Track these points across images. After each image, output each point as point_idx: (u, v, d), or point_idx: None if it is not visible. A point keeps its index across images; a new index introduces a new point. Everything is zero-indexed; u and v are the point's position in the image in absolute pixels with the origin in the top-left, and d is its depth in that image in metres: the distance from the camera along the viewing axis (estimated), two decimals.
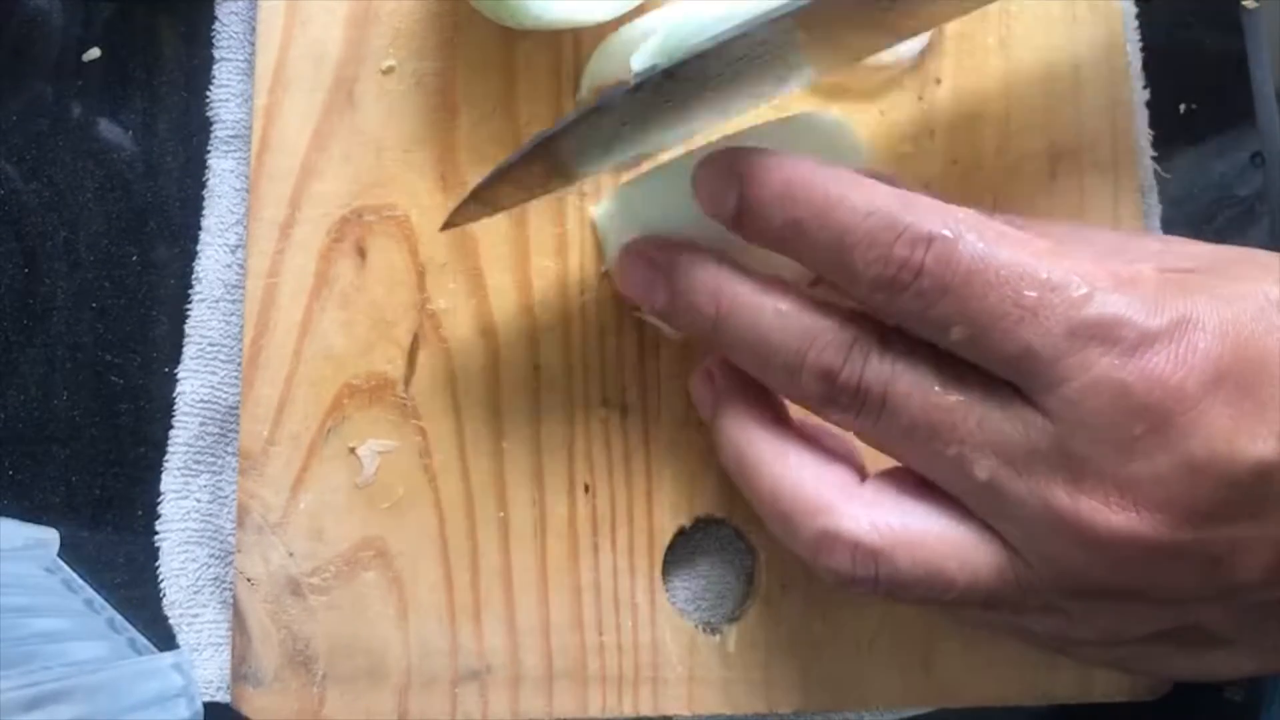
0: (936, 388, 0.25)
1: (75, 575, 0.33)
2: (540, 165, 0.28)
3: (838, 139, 0.29)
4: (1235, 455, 0.22)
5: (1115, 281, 0.23)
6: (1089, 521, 0.23)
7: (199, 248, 0.34)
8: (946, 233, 0.24)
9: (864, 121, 0.33)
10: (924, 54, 0.34)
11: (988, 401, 0.24)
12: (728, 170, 0.27)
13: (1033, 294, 0.23)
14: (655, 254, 0.29)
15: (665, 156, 0.31)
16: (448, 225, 0.30)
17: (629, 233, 0.30)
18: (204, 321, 0.34)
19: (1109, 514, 0.23)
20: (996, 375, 0.24)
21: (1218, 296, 0.23)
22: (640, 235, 0.30)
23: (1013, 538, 0.25)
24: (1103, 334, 0.23)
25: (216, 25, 0.36)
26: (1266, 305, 0.23)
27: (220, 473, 0.34)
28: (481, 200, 0.29)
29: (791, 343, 0.26)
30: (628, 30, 0.32)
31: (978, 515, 0.25)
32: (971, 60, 0.34)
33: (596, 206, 0.32)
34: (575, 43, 0.34)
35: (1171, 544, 0.23)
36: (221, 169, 0.35)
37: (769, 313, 0.26)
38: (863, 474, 0.27)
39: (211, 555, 0.33)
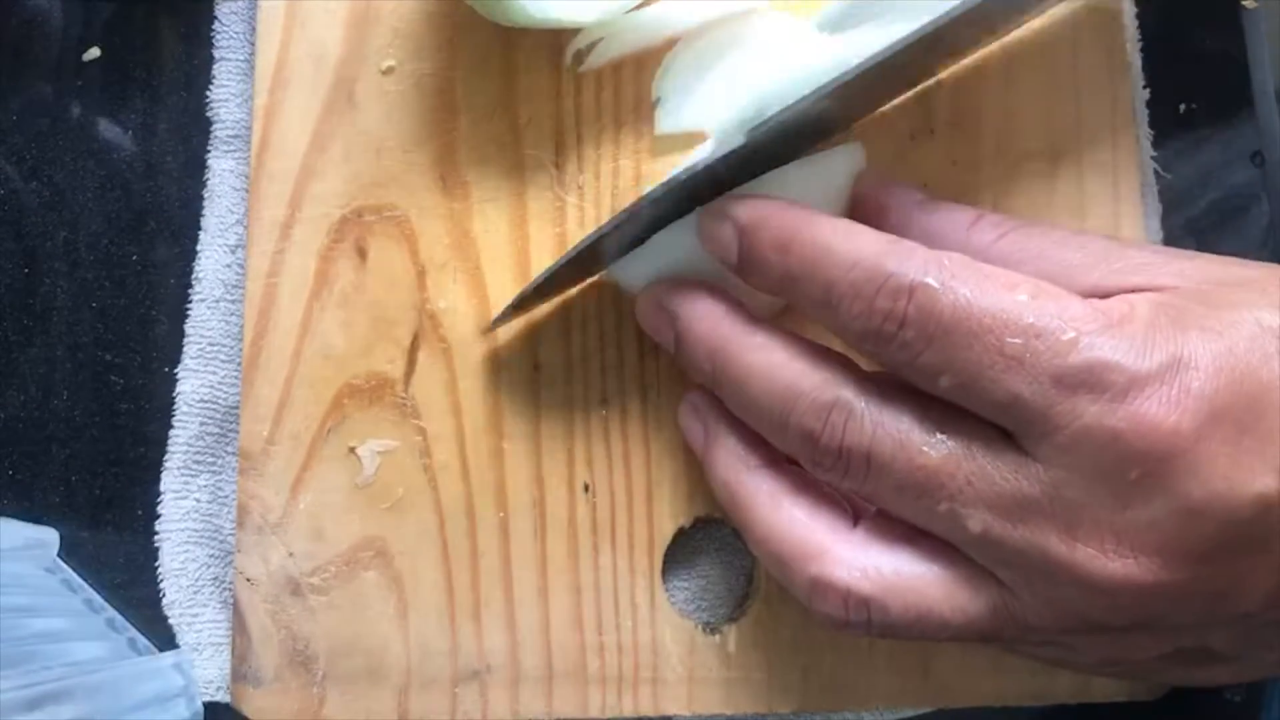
0: (922, 446, 0.24)
1: (75, 575, 0.33)
2: (585, 260, 0.29)
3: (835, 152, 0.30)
4: (1235, 494, 0.22)
5: (1104, 322, 0.23)
6: (1086, 569, 0.23)
7: (199, 248, 0.34)
8: (929, 281, 0.24)
9: (864, 121, 0.33)
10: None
11: (977, 451, 0.24)
12: (729, 222, 0.27)
13: (1017, 342, 0.23)
14: (664, 298, 0.29)
15: None
16: (493, 328, 0.31)
17: (646, 270, 0.30)
18: (204, 321, 0.34)
19: (1106, 561, 0.23)
20: (987, 420, 0.24)
21: (1209, 330, 0.23)
22: (657, 273, 0.30)
23: (1010, 582, 0.24)
24: (1092, 381, 0.22)
25: (216, 25, 0.36)
26: (1259, 333, 0.23)
27: (220, 473, 0.34)
28: (526, 305, 0.30)
29: (776, 404, 0.26)
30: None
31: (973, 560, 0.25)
32: (971, 60, 0.34)
33: (614, 266, 0.32)
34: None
35: (1172, 585, 0.23)
36: (221, 169, 0.35)
37: (756, 372, 0.26)
38: (856, 511, 0.27)
39: (211, 555, 0.33)
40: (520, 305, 0.31)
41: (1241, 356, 0.22)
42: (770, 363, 0.26)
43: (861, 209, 0.29)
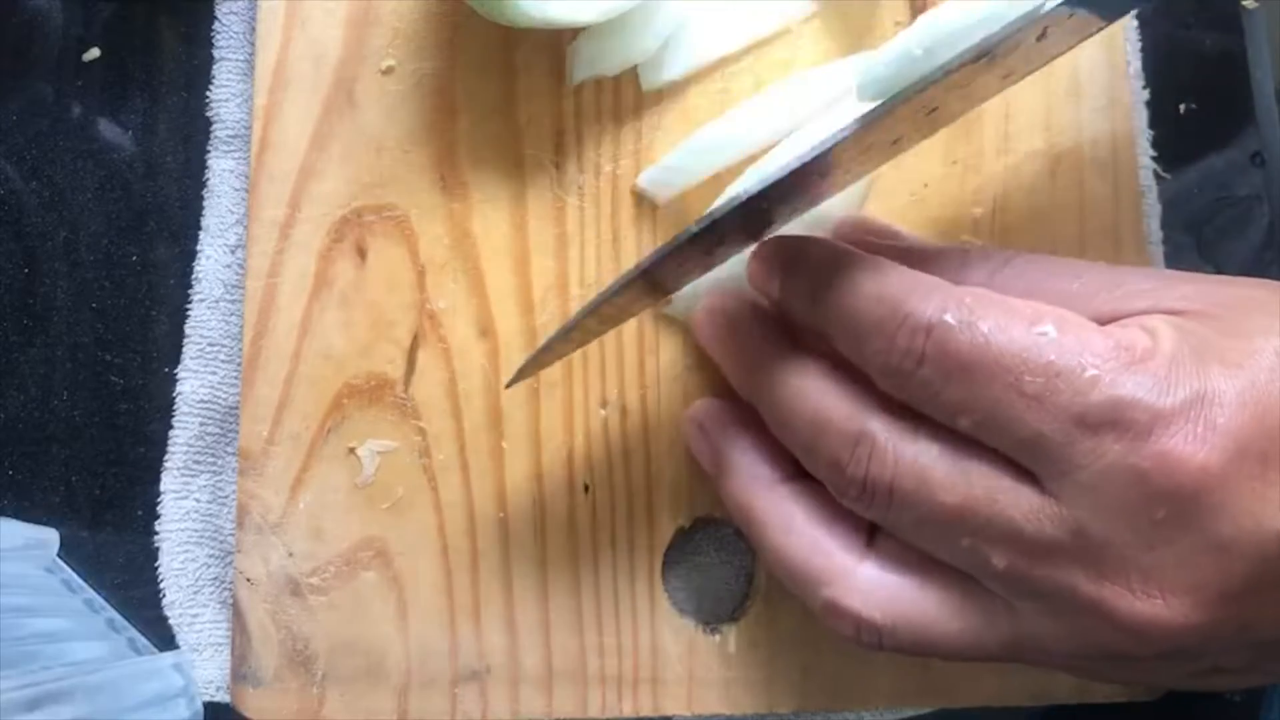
0: (945, 484, 0.24)
1: (75, 575, 0.33)
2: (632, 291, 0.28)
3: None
4: (1263, 530, 0.22)
5: (1126, 359, 0.22)
6: (1113, 608, 0.22)
7: (199, 248, 0.34)
8: (948, 319, 0.23)
9: None
10: None
11: (999, 493, 0.23)
12: (771, 262, 0.28)
13: (1038, 381, 0.22)
14: (720, 306, 0.30)
15: None
16: (514, 382, 0.30)
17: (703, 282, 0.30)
18: (204, 321, 0.34)
19: (1134, 601, 0.22)
20: (1010, 459, 0.24)
21: (1230, 363, 0.22)
22: (716, 285, 0.30)
23: (1031, 613, 0.24)
24: (1114, 419, 0.22)
25: (216, 25, 0.36)
26: (1278, 364, 0.22)
27: (220, 473, 0.34)
28: (553, 352, 0.29)
29: (805, 429, 0.26)
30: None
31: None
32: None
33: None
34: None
35: (1201, 624, 0.22)
36: (221, 169, 0.35)
37: (789, 394, 0.27)
38: (871, 528, 0.27)
39: (211, 555, 0.33)
40: (538, 361, 0.29)
41: (1264, 388, 0.22)
42: (803, 387, 0.26)
43: None
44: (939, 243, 0.29)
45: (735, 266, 0.29)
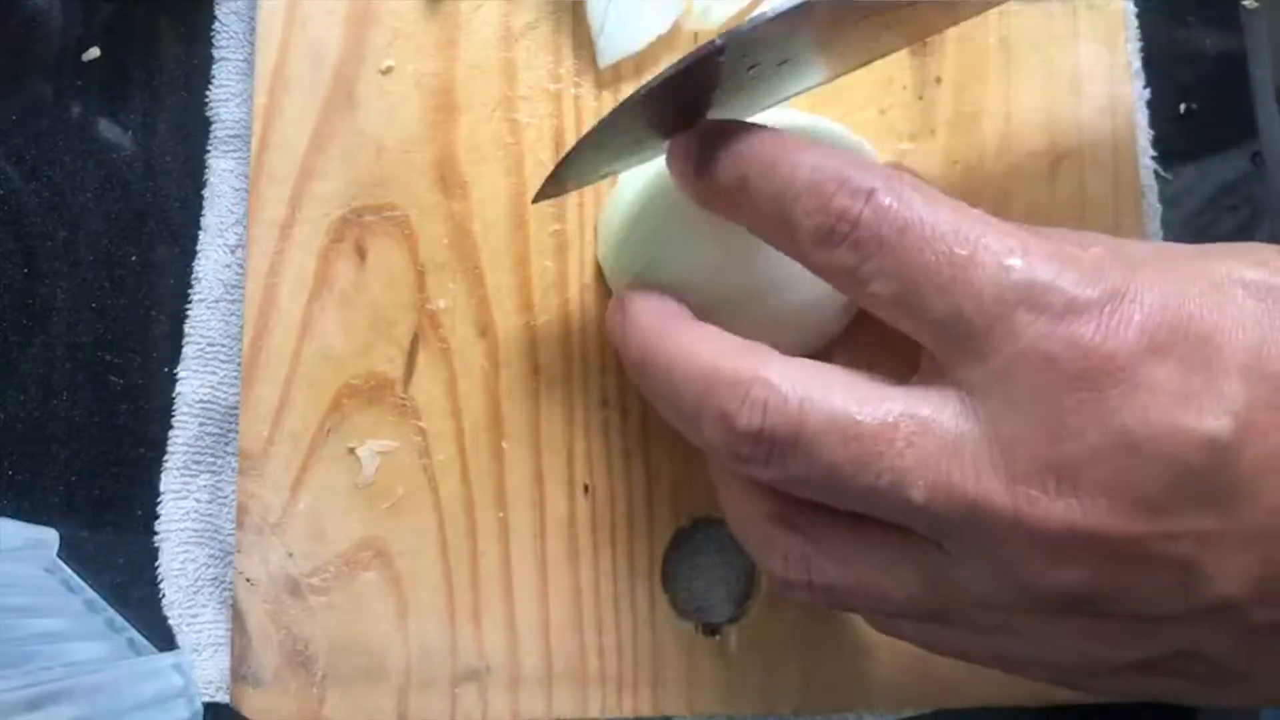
0: (855, 415, 0.23)
1: (75, 575, 0.33)
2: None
3: (847, 149, 0.29)
4: (1181, 432, 0.21)
5: (1052, 251, 0.22)
6: (1028, 514, 0.21)
7: (198, 248, 0.34)
8: (888, 193, 0.23)
9: (864, 121, 0.33)
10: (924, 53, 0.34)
11: (914, 410, 0.23)
12: (696, 136, 0.27)
13: (964, 252, 0.22)
14: (626, 298, 0.28)
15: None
16: (540, 197, 0.29)
17: (630, 270, 0.30)
18: (204, 321, 0.34)
19: (1047, 503, 0.21)
20: (927, 376, 0.23)
21: (1163, 273, 0.22)
22: (643, 268, 0.29)
23: (957, 551, 0.23)
24: (1031, 299, 0.22)
25: (216, 25, 0.36)
26: (1225, 282, 0.22)
27: (220, 473, 0.34)
28: (570, 172, 0.28)
29: (692, 388, 0.25)
30: None
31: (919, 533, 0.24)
32: (971, 60, 0.34)
33: (598, 245, 0.32)
34: (575, 44, 0.34)
35: (1123, 537, 0.21)
36: (221, 169, 0.35)
37: (679, 358, 0.26)
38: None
39: (211, 555, 0.33)
40: (554, 183, 0.29)
41: (1194, 298, 0.22)
42: (695, 350, 0.25)
43: None
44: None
45: (657, 244, 0.29)
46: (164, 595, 0.33)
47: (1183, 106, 0.36)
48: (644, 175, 0.30)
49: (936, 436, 0.22)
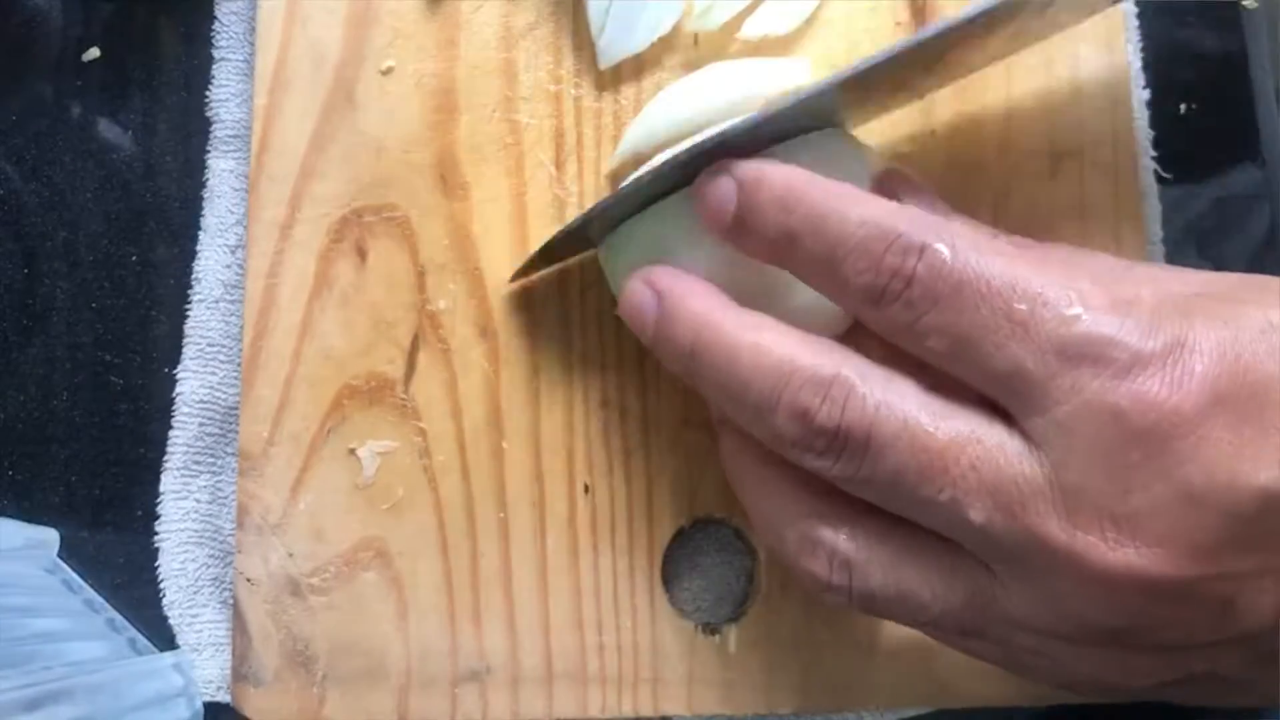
0: (928, 427, 0.23)
1: (75, 575, 0.33)
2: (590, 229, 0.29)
3: (847, 154, 0.29)
4: (1237, 484, 0.21)
5: (1110, 302, 0.22)
6: (1085, 558, 0.22)
7: (198, 248, 0.34)
8: (940, 245, 0.23)
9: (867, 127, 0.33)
10: None
11: (983, 434, 0.23)
12: (727, 177, 0.26)
13: (1023, 308, 0.22)
14: (654, 279, 0.28)
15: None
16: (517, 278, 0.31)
17: (634, 267, 0.30)
18: (204, 321, 0.34)
19: (1105, 550, 0.22)
20: (988, 399, 0.23)
21: (1215, 317, 0.22)
22: (645, 263, 0.29)
23: (1004, 574, 0.24)
24: (1094, 354, 0.22)
25: (216, 25, 0.36)
26: (1268, 328, 0.22)
27: (220, 473, 0.34)
28: (548, 257, 0.29)
29: (766, 379, 0.25)
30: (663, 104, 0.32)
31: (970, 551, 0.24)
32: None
33: (602, 242, 0.32)
34: (575, 45, 0.34)
35: (1175, 582, 0.22)
36: (221, 169, 0.35)
37: (745, 347, 0.25)
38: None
39: (211, 555, 0.33)
40: (526, 270, 0.31)
41: (1246, 346, 0.22)
42: (764, 340, 0.25)
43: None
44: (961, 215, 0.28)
45: (663, 241, 0.29)
46: (164, 595, 0.33)
47: (1183, 107, 0.36)
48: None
49: (999, 469, 0.23)
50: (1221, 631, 0.23)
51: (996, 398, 0.23)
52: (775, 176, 0.26)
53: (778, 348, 0.25)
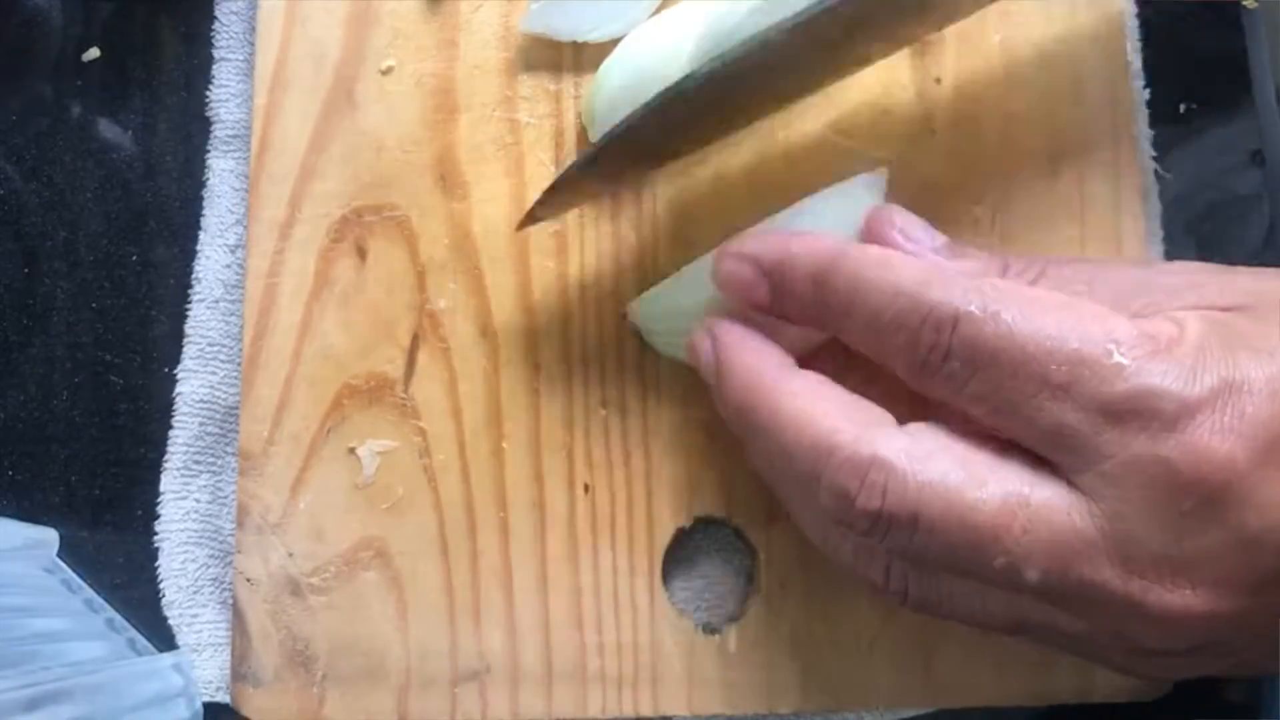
0: (973, 502, 0.23)
1: (75, 575, 0.33)
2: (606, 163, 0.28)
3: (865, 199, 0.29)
4: None
5: (1150, 347, 0.22)
6: (1142, 601, 0.22)
7: (198, 248, 0.34)
8: (972, 309, 0.23)
9: (864, 121, 0.33)
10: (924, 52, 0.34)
11: (1030, 495, 0.23)
12: (748, 263, 0.27)
13: (1063, 370, 0.22)
14: (714, 329, 0.28)
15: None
16: (524, 225, 0.30)
17: (671, 325, 0.30)
18: (204, 321, 0.34)
19: (1163, 593, 0.22)
20: (1036, 455, 0.23)
21: (1260, 351, 0.22)
22: (685, 326, 0.29)
23: (1061, 617, 0.24)
24: (1140, 408, 0.22)
25: (216, 25, 0.36)
26: None
27: (220, 473, 0.34)
28: (551, 203, 0.29)
29: (808, 455, 0.24)
30: (617, 62, 0.32)
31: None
32: (971, 59, 0.34)
33: (634, 304, 0.32)
34: (574, 45, 0.33)
35: (1231, 614, 0.22)
36: (221, 169, 0.35)
37: (788, 416, 0.25)
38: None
39: (211, 555, 0.33)
40: (542, 207, 0.30)
41: None
42: (806, 410, 0.25)
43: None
44: (976, 251, 0.28)
45: (693, 291, 0.29)
46: (164, 595, 0.33)
47: (1183, 106, 0.36)
48: None
49: (1051, 526, 0.23)
50: (1266, 638, 0.23)
51: (1041, 452, 0.23)
52: (802, 256, 0.26)
53: (821, 420, 0.25)
